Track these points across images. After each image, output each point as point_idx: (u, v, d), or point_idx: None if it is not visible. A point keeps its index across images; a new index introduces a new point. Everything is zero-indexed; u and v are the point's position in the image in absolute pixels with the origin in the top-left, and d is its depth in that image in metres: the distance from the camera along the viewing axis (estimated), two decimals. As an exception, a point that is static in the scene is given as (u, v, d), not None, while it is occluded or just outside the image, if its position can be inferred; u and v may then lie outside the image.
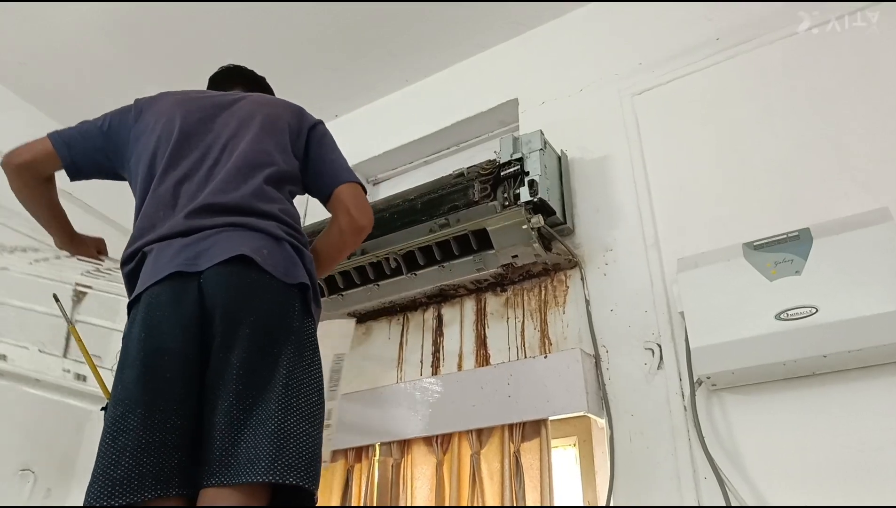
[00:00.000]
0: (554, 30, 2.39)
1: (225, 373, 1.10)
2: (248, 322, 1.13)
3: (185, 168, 1.32)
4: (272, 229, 1.26)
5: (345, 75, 2.66)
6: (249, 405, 1.08)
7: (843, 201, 1.55)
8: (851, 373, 1.38)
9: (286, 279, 1.20)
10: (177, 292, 1.14)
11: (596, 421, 1.70)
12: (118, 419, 1.04)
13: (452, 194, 1.89)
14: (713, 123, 1.86)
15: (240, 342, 1.11)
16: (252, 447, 1.04)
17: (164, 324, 1.11)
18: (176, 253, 1.18)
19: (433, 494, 1.75)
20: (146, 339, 1.10)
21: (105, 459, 1.01)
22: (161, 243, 1.22)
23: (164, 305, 1.13)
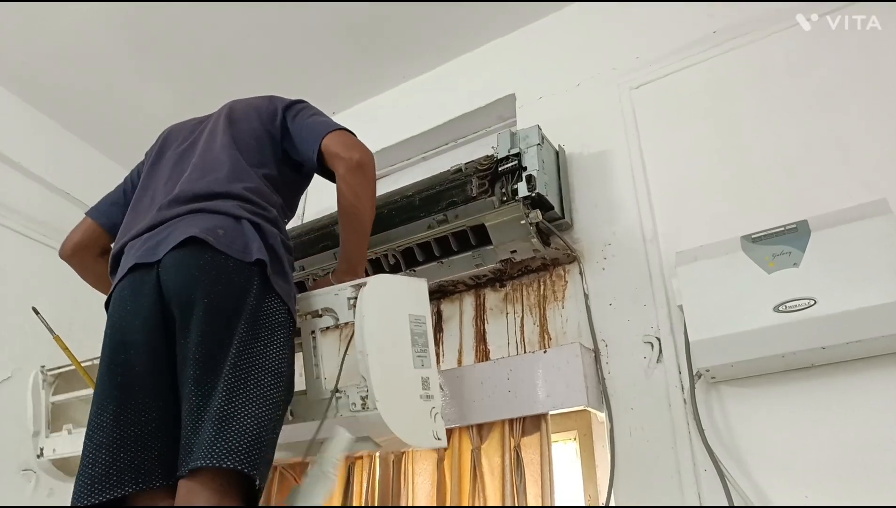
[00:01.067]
0: (551, 24, 2.38)
1: (185, 359, 1.07)
2: (201, 304, 1.09)
3: (162, 175, 1.38)
4: (232, 208, 1.22)
5: (342, 72, 2.65)
6: (207, 391, 1.04)
7: (843, 194, 1.55)
8: (850, 365, 1.39)
9: (243, 257, 1.16)
10: (137, 284, 1.15)
11: (596, 415, 1.71)
12: (93, 416, 1.06)
13: (450, 189, 1.89)
14: (712, 117, 1.86)
15: (195, 325, 1.08)
16: (203, 432, 1.00)
17: (127, 317, 1.13)
18: (139, 247, 1.20)
19: (434, 489, 1.75)
20: (112, 335, 1.13)
21: (85, 458, 1.02)
22: (133, 241, 1.25)
23: (126, 299, 1.15)
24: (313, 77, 2.67)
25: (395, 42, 2.52)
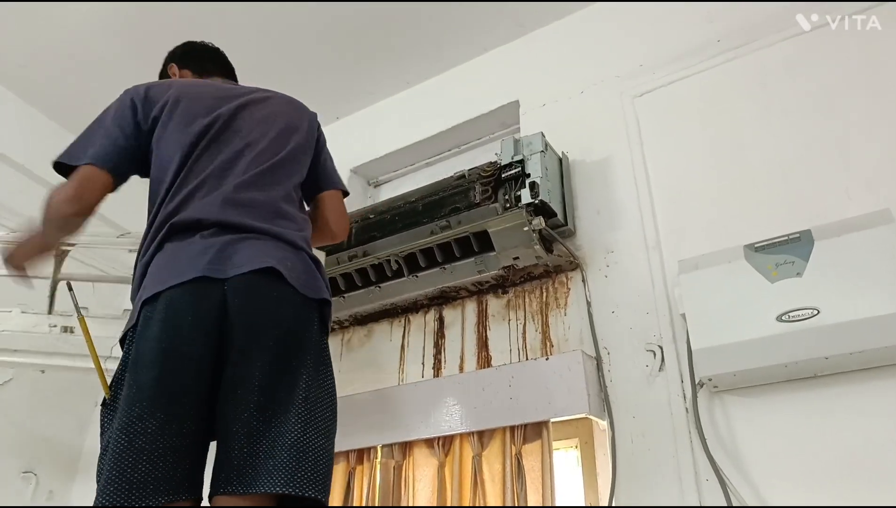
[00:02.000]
0: (555, 31, 2.39)
1: (245, 383, 1.10)
2: (270, 335, 1.14)
3: (208, 157, 1.31)
4: (294, 237, 1.27)
5: (346, 77, 2.66)
6: (269, 417, 1.09)
7: (845, 202, 1.55)
8: (853, 375, 1.38)
9: (308, 293, 1.21)
10: (200, 296, 1.13)
11: (597, 423, 1.70)
12: (135, 420, 1.02)
13: (454, 195, 1.89)
14: (715, 124, 1.86)
15: (261, 353, 1.12)
16: (270, 458, 1.05)
17: (185, 328, 1.10)
18: (199, 254, 1.16)
19: (435, 496, 1.75)
20: (167, 341, 1.08)
21: (122, 461, 1.00)
22: (181, 241, 1.20)
23: (185, 308, 1.11)
24: (317, 82, 2.67)
25: (398, 48, 2.53)
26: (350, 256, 2.03)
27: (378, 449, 1.89)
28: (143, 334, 1.10)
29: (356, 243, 2.03)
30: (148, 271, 1.18)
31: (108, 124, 1.34)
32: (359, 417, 1.87)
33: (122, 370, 1.12)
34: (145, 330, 1.10)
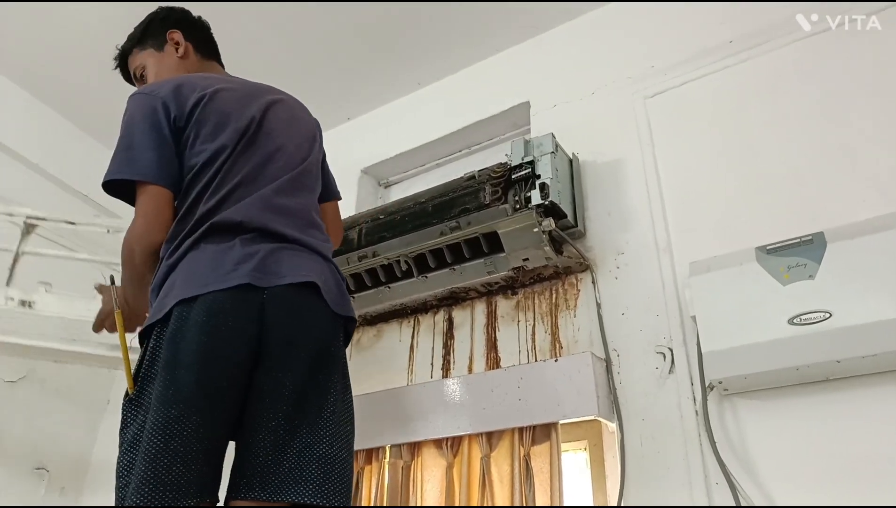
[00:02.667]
0: (566, 33, 2.38)
1: (276, 392, 1.12)
2: (304, 347, 1.16)
3: (245, 159, 1.28)
4: (324, 248, 1.30)
5: (357, 78, 2.67)
6: (295, 428, 1.11)
7: (859, 205, 1.54)
8: (866, 379, 1.37)
9: (338, 310, 1.24)
10: (241, 302, 1.13)
11: (607, 425, 1.70)
12: (172, 421, 1.02)
13: (464, 196, 1.89)
14: (726, 126, 1.85)
15: (295, 365, 1.14)
16: (297, 468, 1.08)
17: (226, 333, 1.10)
18: (242, 260, 1.16)
19: (443, 497, 1.75)
20: (207, 345, 1.08)
21: (158, 462, 1.00)
22: (221, 243, 1.18)
23: (227, 313, 1.11)
24: (328, 83, 2.68)
25: (409, 48, 2.53)
26: (360, 256, 2.04)
27: (386, 449, 1.89)
28: (180, 334, 1.09)
29: (366, 244, 2.03)
30: (180, 268, 1.16)
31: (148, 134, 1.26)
32: (367, 417, 1.88)
33: (149, 366, 1.10)
34: (182, 331, 1.09)
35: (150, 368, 1.10)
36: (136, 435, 1.05)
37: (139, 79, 1.52)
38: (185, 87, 1.31)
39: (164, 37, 1.51)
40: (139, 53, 1.52)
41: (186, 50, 1.51)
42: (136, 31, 1.55)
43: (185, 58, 1.50)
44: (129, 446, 1.05)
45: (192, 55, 1.52)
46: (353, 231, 2.08)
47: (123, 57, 1.56)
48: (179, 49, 1.50)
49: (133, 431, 1.06)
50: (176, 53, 1.50)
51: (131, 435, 1.06)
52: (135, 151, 1.24)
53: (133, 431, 1.06)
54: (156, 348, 1.11)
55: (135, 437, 1.05)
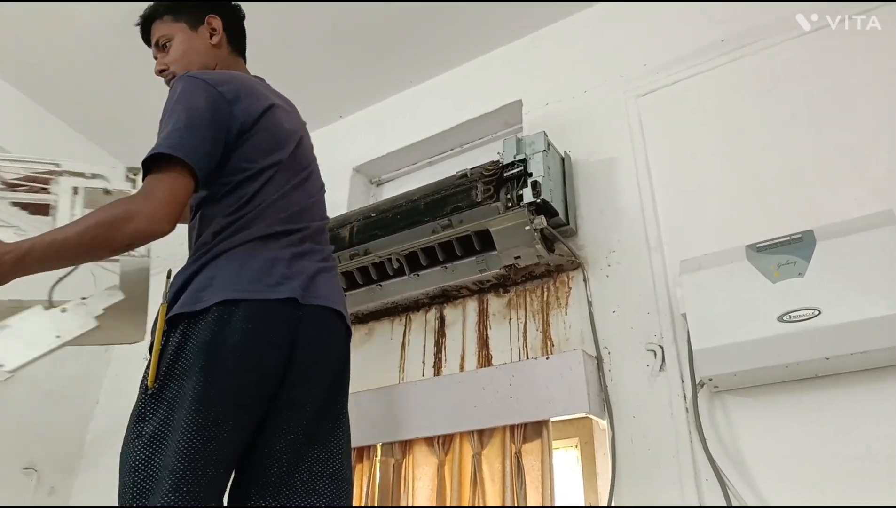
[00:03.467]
0: (558, 31, 2.39)
1: (298, 407, 1.16)
2: (327, 366, 1.22)
3: (292, 178, 1.30)
4: (334, 261, 1.37)
5: (349, 76, 2.66)
6: (311, 443, 1.16)
7: (850, 203, 1.54)
8: (854, 376, 1.38)
9: (348, 328, 1.31)
10: (283, 315, 1.15)
11: (598, 423, 1.70)
12: (211, 424, 1.02)
13: (455, 194, 1.89)
14: (718, 124, 1.86)
15: (319, 382, 1.20)
16: (309, 482, 1.13)
17: (267, 343, 1.11)
18: (289, 275, 1.18)
19: (434, 494, 1.75)
20: (249, 350, 1.08)
21: (195, 462, 0.99)
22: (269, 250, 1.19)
23: (270, 323, 1.12)
24: (321, 81, 2.68)
25: (402, 47, 2.53)
26: (351, 254, 2.04)
27: (378, 448, 1.89)
28: (221, 336, 1.07)
29: (358, 242, 2.03)
30: (223, 264, 1.14)
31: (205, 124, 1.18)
32: (359, 415, 1.86)
33: (174, 359, 1.06)
34: (223, 332, 1.07)
35: (175, 361, 1.06)
36: (159, 431, 1.02)
37: (160, 48, 1.43)
38: (255, 94, 1.28)
39: (203, 18, 1.43)
40: (171, 23, 1.42)
41: (221, 40, 1.44)
42: (175, 0, 1.45)
43: (217, 47, 1.44)
44: (149, 440, 1.02)
45: (224, 47, 1.45)
46: (345, 229, 2.08)
47: (151, 18, 1.45)
48: (215, 37, 1.43)
49: (154, 425, 1.03)
50: (210, 40, 1.43)
51: (151, 429, 1.03)
52: (194, 134, 1.14)
53: (154, 425, 1.03)
54: (184, 341, 1.07)
55: (156, 432, 1.02)
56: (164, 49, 1.42)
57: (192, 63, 1.38)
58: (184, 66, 1.37)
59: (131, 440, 1.04)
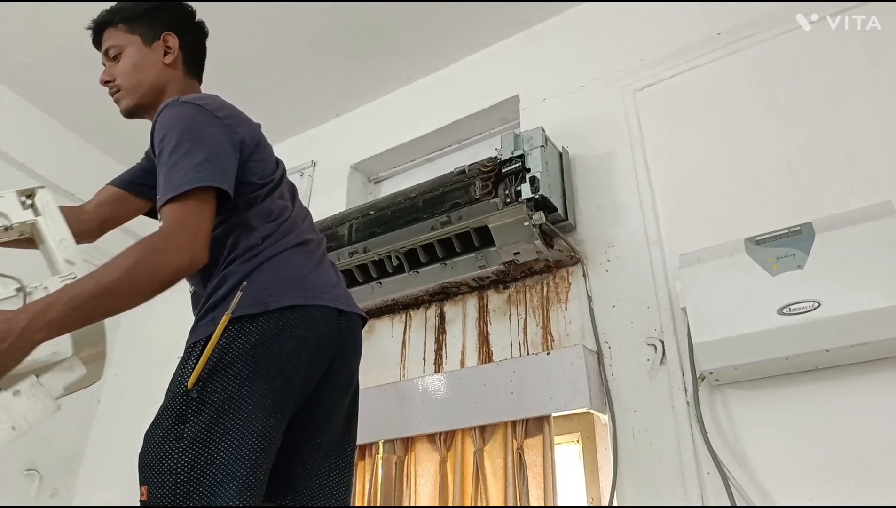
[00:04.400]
0: (555, 26, 2.38)
1: (330, 414, 1.19)
2: (354, 375, 1.27)
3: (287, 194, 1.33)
4: None
5: (346, 74, 2.66)
6: (333, 448, 1.20)
7: (848, 196, 1.55)
8: (854, 367, 1.38)
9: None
10: (334, 323, 1.17)
11: (599, 417, 1.70)
12: (270, 431, 1.03)
13: (454, 191, 1.89)
14: (715, 118, 1.86)
15: (348, 391, 1.24)
16: (326, 486, 1.16)
17: (317, 351, 1.13)
18: (336, 284, 1.24)
19: (437, 491, 1.75)
20: (303, 358, 1.10)
21: (258, 468, 1.00)
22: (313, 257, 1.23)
23: (323, 331, 1.14)
24: (317, 79, 2.67)
25: (398, 44, 2.52)
26: (350, 252, 2.04)
27: (380, 445, 1.89)
28: (278, 343, 1.06)
29: (357, 240, 2.03)
30: (275, 267, 1.13)
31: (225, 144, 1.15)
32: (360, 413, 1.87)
33: (220, 358, 1.03)
34: (280, 339, 1.07)
35: (222, 364, 1.03)
36: (204, 434, 0.99)
37: (110, 57, 1.34)
38: (245, 118, 1.29)
39: (159, 34, 1.34)
40: (124, 33, 1.33)
41: (176, 60, 1.35)
42: (133, 8, 1.35)
43: (171, 67, 1.34)
44: (193, 443, 0.99)
45: (178, 67, 1.35)
46: (344, 227, 2.08)
47: (104, 24, 1.36)
48: (169, 56, 1.34)
49: (198, 429, 1.00)
50: (163, 58, 1.33)
51: (194, 432, 0.99)
52: (221, 161, 1.11)
53: (198, 429, 1.00)
54: (232, 344, 1.04)
55: (201, 435, 0.99)
56: (114, 60, 1.34)
57: (141, 80, 1.31)
58: (133, 82, 1.31)
59: (168, 441, 1.00)
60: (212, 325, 1.06)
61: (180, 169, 1.06)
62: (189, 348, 1.09)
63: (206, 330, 1.07)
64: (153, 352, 2.80)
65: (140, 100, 1.31)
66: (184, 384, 1.03)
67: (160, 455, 1.00)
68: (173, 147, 1.09)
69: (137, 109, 1.32)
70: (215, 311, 1.08)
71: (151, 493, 0.98)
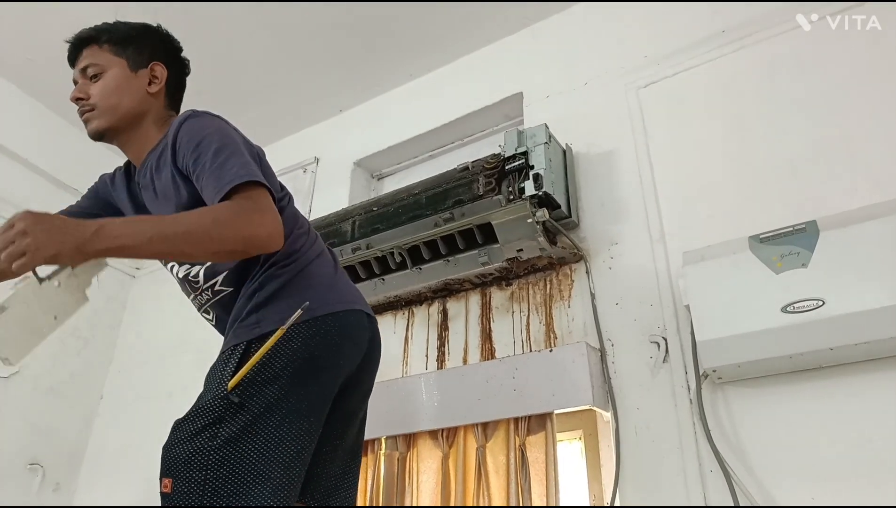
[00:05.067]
0: (559, 23, 2.38)
1: (351, 415, 1.24)
2: (373, 381, 1.31)
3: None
4: None
5: (349, 70, 2.66)
6: (347, 449, 1.24)
7: (851, 194, 1.54)
8: (858, 366, 1.38)
9: None
10: (364, 329, 1.22)
11: (601, 415, 1.70)
12: (304, 433, 1.07)
13: (457, 188, 1.89)
14: (719, 116, 1.85)
15: (368, 395, 1.30)
16: (339, 487, 1.21)
17: (351, 356, 1.19)
18: (356, 290, 1.31)
19: (439, 487, 1.75)
20: (340, 364, 1.15)
21: (292, 469, 1.04)
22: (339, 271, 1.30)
23: (357, 337, 1.20)
24: (320, 75, 2.67)
25: (401, 40, 2.52)
26: (353, 248, 2.04)
27: (382, 441, 1.90)
28: (318, 350, 1.11)
29: (360, 236, 2.03)
30: (308, 280, 1.18)
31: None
32: (363, 409, 1.88)
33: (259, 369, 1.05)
34: (321, 346, 1.12)
35: (263, 370, 1.05)
36: (239, 435, 1.01)
37: (89, 77, 1.31)
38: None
39: (147, 62, 1.32)
40: (109, 54, 1.31)
41: (160, 91, 1.33)
42: (123, 31, 1.35)
43: (153, 97, 1.32)
44: (227, 442, 1.00)
45: (161, 98, 1.34)
46: (347, 223, 2.08)
47: (88, 41, 1.33)
48: (154, 85, 1.32)
49: (233, 430, 1.01)
50: (147, 86, 1.31)
51: (229, 433, 1.01)
52: (256, 168, 1.12)
53: (233, 430, 1.01)
54: (276, 350, 1.06)
55: (236, 436, 1.01)
56: (94, 79, 1.30)
57: (121, 104, 1.27)
58: (111, 103, 1.27)
59: (201, 439, 1.00)
60: (257, 328, 1.10)
61: (233, 165, 1.08)
62: (231, 349, 1.11)
63: (250, 332, 1.10)
64: (155, 348, 2.81)
65: (114, 123, 1.27)
66: (223, 387, 1.03)
67: (191, 450, 1.00)
68: (216, 149, 1.10)
69: (107, 132, 1.28)
70: (259, 313, 1.12)
71: (176, 487, 0.99)
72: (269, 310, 1.11)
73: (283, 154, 2.86)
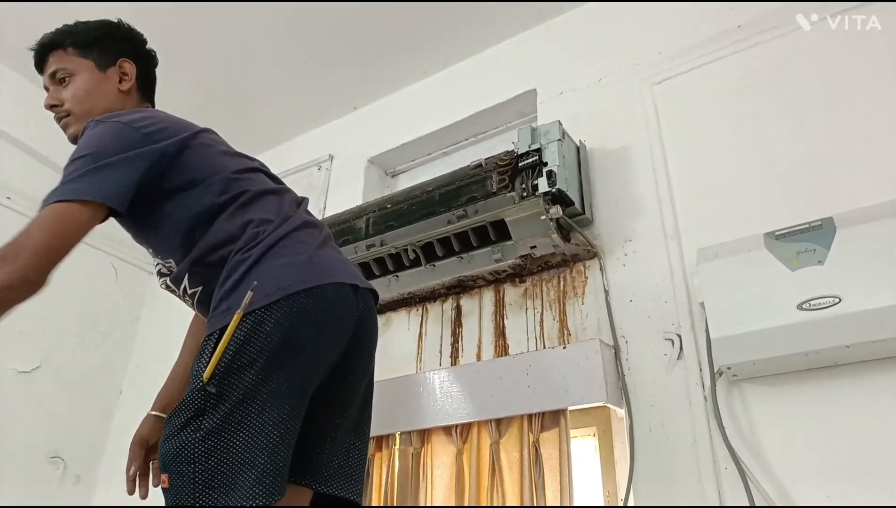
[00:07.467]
0: (572, 19, 2.37)
1: (349, 395, 1.19)
2: (372, 355, 1.26)
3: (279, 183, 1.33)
4: None
5: (363, 67, 2.67)
6: (351, 428, 1.20)
7: (869, 190, 1.52)
8: (875, 364, 1.37)
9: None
10: (350, 302, 1.15)
11: (615, 412, 1.70)
12: (286, 417, 1.02)
13: (471, 185, 1.90)
14: (735, 112, 1.84)
15: (367, 372, 1.24)
16: (345, 466, 1.17)
17: (335, 332, 1.12)
18: (343, 261, 1.21)
19: (453, 483, 1.76)
20: (318, 342, 1.08)
21: (276, 455, 1.00)
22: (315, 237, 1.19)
23: (340, 311, 1.12)
24: (334, 72, 2.68)
25: (416, 37, 2.52)
26: (367, 245, 2.05)
27: (396, 437, 1.91)
28: (293, 330, 1.05)
29: (374, 233, 2.04)
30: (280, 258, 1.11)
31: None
32: (377, 405, 1.86)
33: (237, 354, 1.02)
34: (295, 326, 1.05)
35: (238, 356, 1.02)
36: (221, 425, 1.00)
37: (56, 81, 1.31)
38: (176, 120, 1.25)
39: (115, 60, 1.33)
40: (75, 57, 1.31)
41: (131, 87, 1.34)
42: (85, 32, 1.33)
43: (126, 94, 1.33)
44: (209, 433, 0.99)
45: (133, 93, 1.35)
46: (361, 221, 2.09)
47: (52, 46, 1.32)
48: (125, 82, 1.33)
49: (214, 421, 1.00)
50: (119, 84, 1.32)
51: (211, 424, 1.00)
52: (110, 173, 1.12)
53: (214, 421, 1.00)
54: (248, 336, 1.03)
55: (218, 426, 1.00)
56: (63, 84, 1.30)
57: (95, 106, 1.28)
58: (85, 108, 1.27)
59: (186, 432, 1.01)
60: (226, 316, 1.05)
61: (61, 184, 1.10)
62: (205, 339, 1.08)
63: (220, 321, 1.06)
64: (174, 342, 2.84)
65: None
66: (199, 379, 1.02)
67: (178, 445, 1.00)
68: (65, 165, 1.13)
69: None
70: (229, 299, 1.08)
71: (172, 481, 1.00)
72: (238, 294, 1.06)
73: (298, 151, 2.88)
